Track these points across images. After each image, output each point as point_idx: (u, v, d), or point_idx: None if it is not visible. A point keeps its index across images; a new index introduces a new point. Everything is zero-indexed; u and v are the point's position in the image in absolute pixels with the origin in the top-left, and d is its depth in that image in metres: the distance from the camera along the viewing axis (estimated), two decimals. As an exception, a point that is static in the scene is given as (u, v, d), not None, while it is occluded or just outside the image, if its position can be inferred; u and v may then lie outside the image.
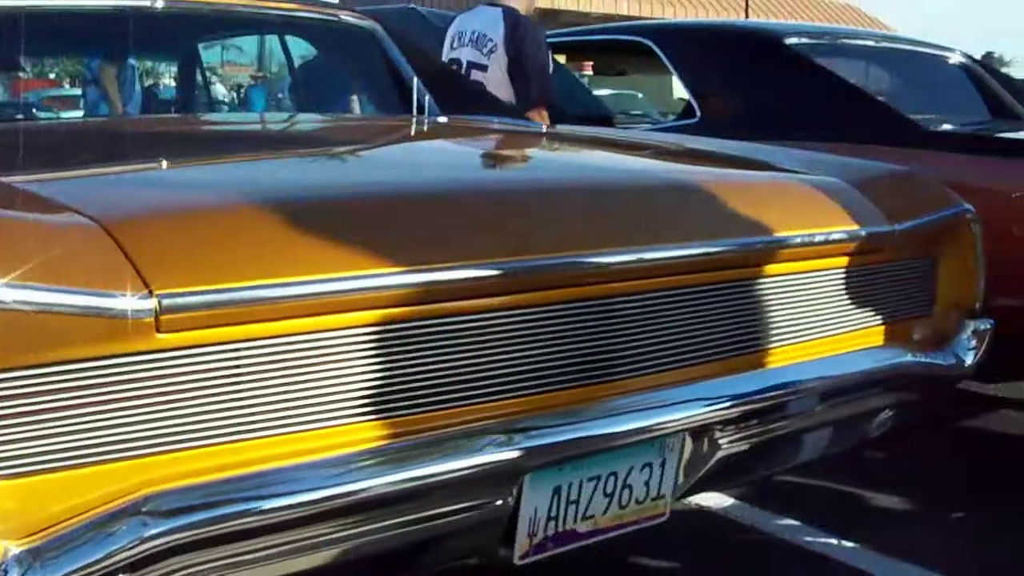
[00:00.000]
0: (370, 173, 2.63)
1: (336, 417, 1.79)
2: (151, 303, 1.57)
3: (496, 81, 5.08)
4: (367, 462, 1.78)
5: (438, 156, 3.02)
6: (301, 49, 4.67)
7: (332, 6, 4.18)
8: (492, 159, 3.06)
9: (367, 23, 3.98)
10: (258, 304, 1.67)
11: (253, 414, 1.71)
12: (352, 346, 1.79)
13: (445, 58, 5.19)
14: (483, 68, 5.12)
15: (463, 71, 5.12)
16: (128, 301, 1.55)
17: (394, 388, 1.83)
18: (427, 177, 2.44)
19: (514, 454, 1.89)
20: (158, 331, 1.59)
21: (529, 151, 3.19)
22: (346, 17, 3.99)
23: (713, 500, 3.52)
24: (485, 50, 5.13)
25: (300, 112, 4.31)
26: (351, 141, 3.24)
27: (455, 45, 5.20)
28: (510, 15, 5.17)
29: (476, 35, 5.15)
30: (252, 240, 1.76)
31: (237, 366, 1.69)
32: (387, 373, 1.82)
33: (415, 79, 3.70)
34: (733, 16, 32.60)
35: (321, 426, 1.78)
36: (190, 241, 1.70)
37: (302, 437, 1.76)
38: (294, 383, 1.74)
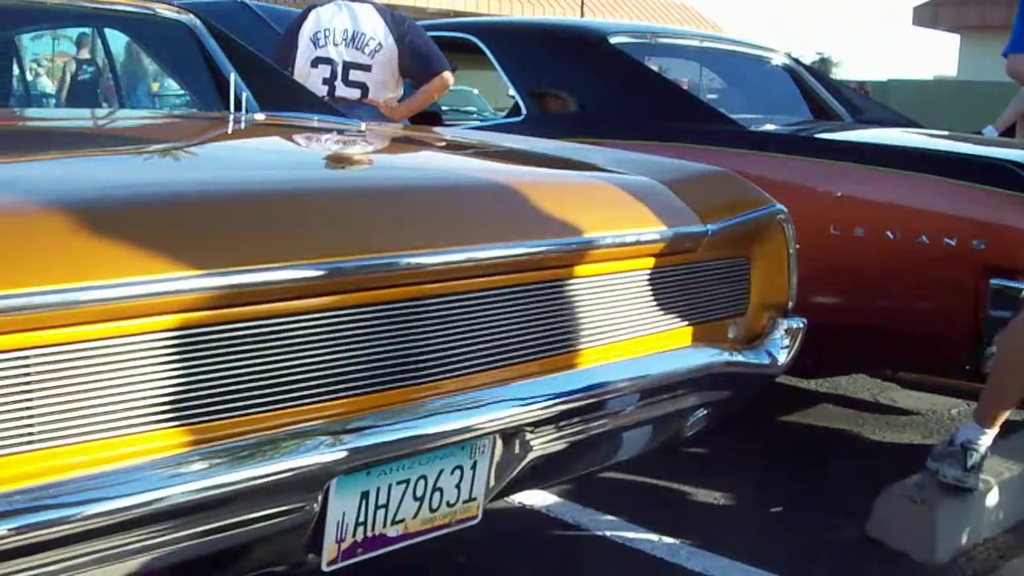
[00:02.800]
0: (179, 171, 2.56)
1: (136, 425, 1.73)
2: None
3: (380, 80, 5.10)
4: (167, 470, 1.73)
5: (251, 154, 2.96)
6: (119, 42, 4.56)
7: (149, -1, 4.08)
8: (307, 158, 3.02)
9: (185, 17, 3.90)
10: (53, 309, 1.61)
11: (48, 422, 1.64)
12: (155, 351, 1.74)
13: (306, 57, 5.10)
14: (366, 68, 5.11)
15: (338, 71, 5.07)
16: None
17: (194, 394, 1.78)
18: (238, 176, 2.38)
19: (320, 458, 1.86)
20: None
21: (345, 150, 3.14)
22: (162, 11, 3.89)
23: (535, 498, 3.53)
24: (367, 50, 5.10)
25: (116, 106, 4.20)
26: (163, 138, 3.16)
27: (321, 43, 5.11)
28: (383, 10, 5.17)
29: (351, 35, 5.10)
30: (47, 242, 1.69)
31: (30, 373, 1.62)
32: (188, 379, 1.77)
33: (233, 74, 3.63)
34: (570, 15, 32.91)
35: (121, 434, 1.72)
36: (-26, 243, 1.63)
37: (104, 445, 1.70)
38: (95, 389, 1.69)
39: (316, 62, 5.08)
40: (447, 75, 5.17)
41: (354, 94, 5.07)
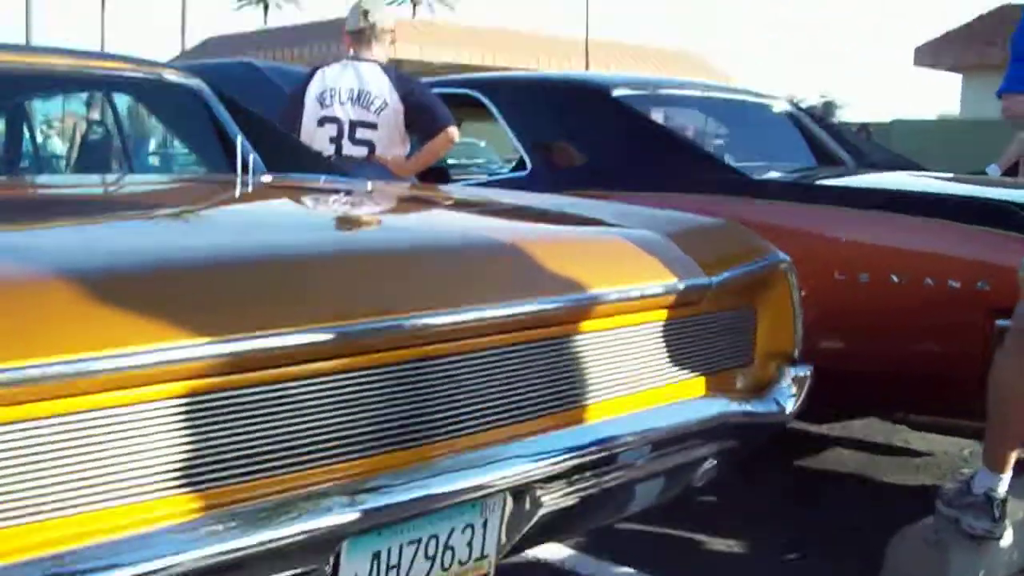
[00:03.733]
0: (187, 236, 2.59)
1: (149, 491, 1.74)
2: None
3: (387, 138, 5.16)
4: (178, 536, 1.73)
5: (259, 217, 2.99)
6: (127, 108, 4.61)
7: (156, 64, 4.14)
8: (314, 219, 3.04)
9: (192, 81, 3.95)
10: (68, 379, 1.62)
11: (63, 490, 1.65)
12: (166, 418, 1.75)
13: (312, 116, 5.17)
14: (372, 127, 5.17)
15: (345, 130, 5.13)
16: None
17: (206, 459, 1.79)
18: (246, 240, 2.40)
19: (331, 521, 1.86)
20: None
21: (351, 211, 3.18)
22: (169, 76, 3.95)
23: (549, 551, 3.53)
24: (373, 108, 5.16)
25: (124, 172, 4.24)
26: (171, 203, 3.19)
27: (327, 103, 5.17)
28: (388, 69, 5.25)
29: (356, 93, 5.17)
30: (58, 311, 1.71)
31: (47, 443, 1.63)
32: (199, 444, 1.79)
33: (240, 137, 3.67)
34: (574, 68, 33.11)
35: (135, 501, 1.73)
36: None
37: (112, 513, 1.70)
38: (109, 457, 1.69)
39: (323, 121, 5.13)
40: (452, 130, 5.22)
41: (361, 152, 5.12)
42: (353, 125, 5.14)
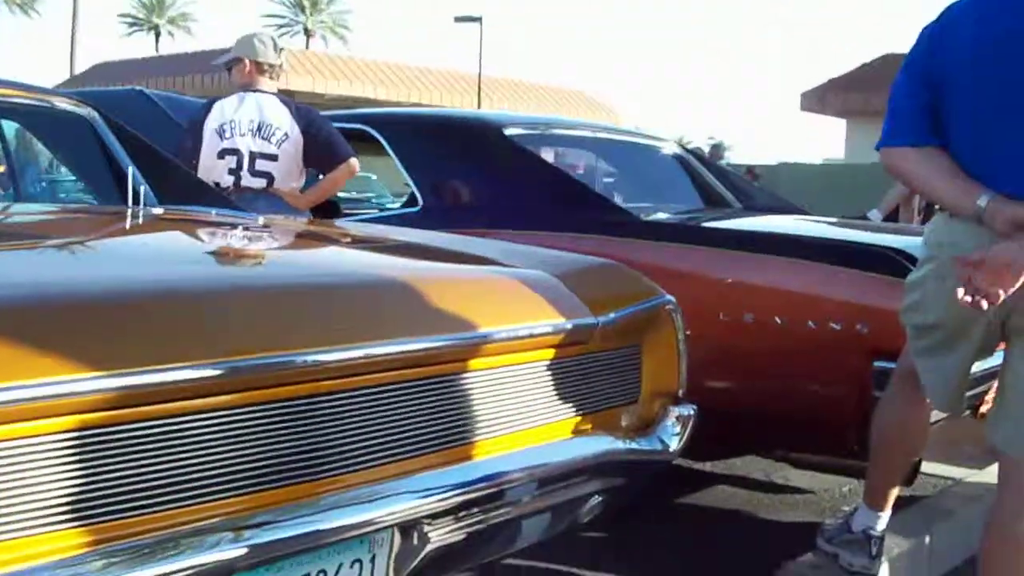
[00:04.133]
0: (75, 268, 2.56)
1: (35, 526, 1.73)
2: None
3: (285, 169, 5.22)
4: (67, 570, 1.72)
5: (149, 250, 2.97)
6: (15, 134, 4.55)
7: (46, 91, 4.09)
8: (205, 254, 3.04)
9: (83, 110, 3.92)
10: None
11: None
12: (50, 453, 1.74)
13: (212, 148, 5.17)
14: (272, 158, 5.22)
15: (244, 161, 5.16)
16: None
17: (93, 494, 1.78)
18: (135, 273, 2.39)
19: (219, 556, 1.86)
20: None
21: (244, 245, 3.17)
22: (60, 104, 3.91)
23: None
24: (274, 139, 5.21)
25: (13, 199, 4.18)
26: (60, 234, 3.15)
27: (227, 135, 5.17)
28: (287, 101, 5.29)
29: (257, 125, 5.19)
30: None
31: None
32: (86, 479, 1.78)
33: (131, 168, 3.66)
34: (468, 105, 33.23)
35: (20, 535, 1.72)
36: None
37: (6, 546, 1.69)
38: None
39: (223, 153, 5.15)
40: (353, 162, 5.31)
41: (260, 183, 5.14)
42: (253, 156, 5.16)
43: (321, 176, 5.51)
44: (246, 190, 5.07)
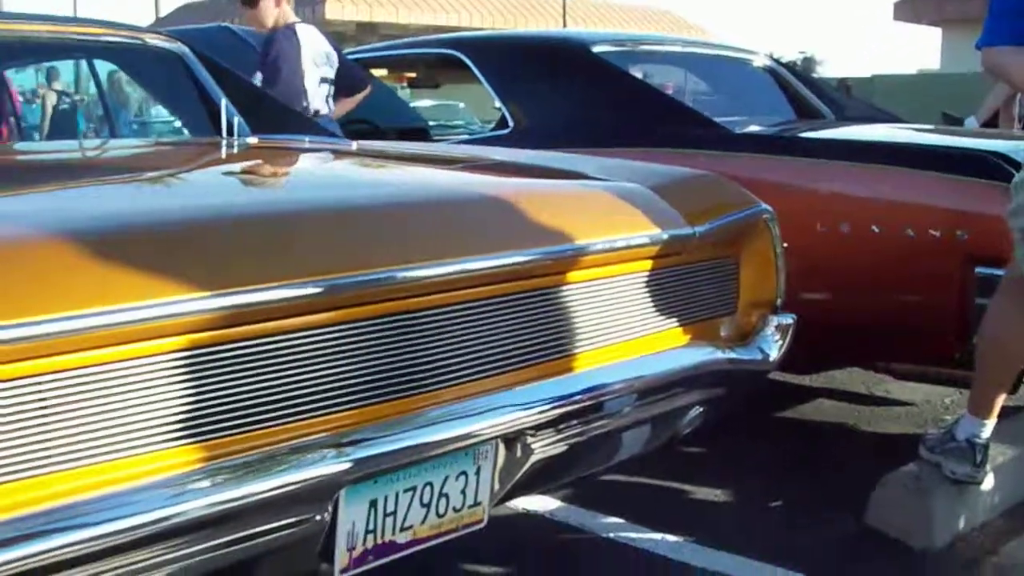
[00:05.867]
0: (179, 198, 2.62)
1: (151, 443, 1.78)
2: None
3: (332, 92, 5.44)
4: (185, 486, 1.77)
5: (246, 178, 3.02)
6: (110, 73, 4.62)
7: (138, 29, 4.14)
8: (301, 179, 3.07)
9: (174, 46, 3.95)
10: (64, 336, 1.65)
11: (65, 444, 1.69)
12: (164, 372, 1.79)
13: (313, 79, 5.33)
14: (332, 83, 5.47)
15: (330, 88, 5.45)
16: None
17: (203, 412, 1.83)
18: (236, 200, 2.44)
19: (328, 469, 1.91)
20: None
21: (338, 169, 3.20)
22: (152, 40, 3.95)
23: (538, 503, 3.58)
24: (333, 65, 5.49)
25: (109, 136, 4.25)
26: (160, 167, 3.21)
27: (319, 64, 5.36)
28: (322, 32, 5.42)
29: (324, 55, 5.45)
30: (55, 271, 1.74)
31: (45, 399, 1.67)
32: (199, 397, 1.83)
33: (224, 100, 3.69)
34: (552, 26, 33.01)
35: (137, 453, 1.77)
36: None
37: (119, 465, 1.75)
38: (108, 411, 1.73)
39: (321, 81, 5.28)
40: (369, 89, 5.69)
41: (330, 108, 5.33)
42: (329, 83, 5.31)
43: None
44: (323, 117, 5.21)
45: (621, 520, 3.52)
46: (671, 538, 3.38)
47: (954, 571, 3.27)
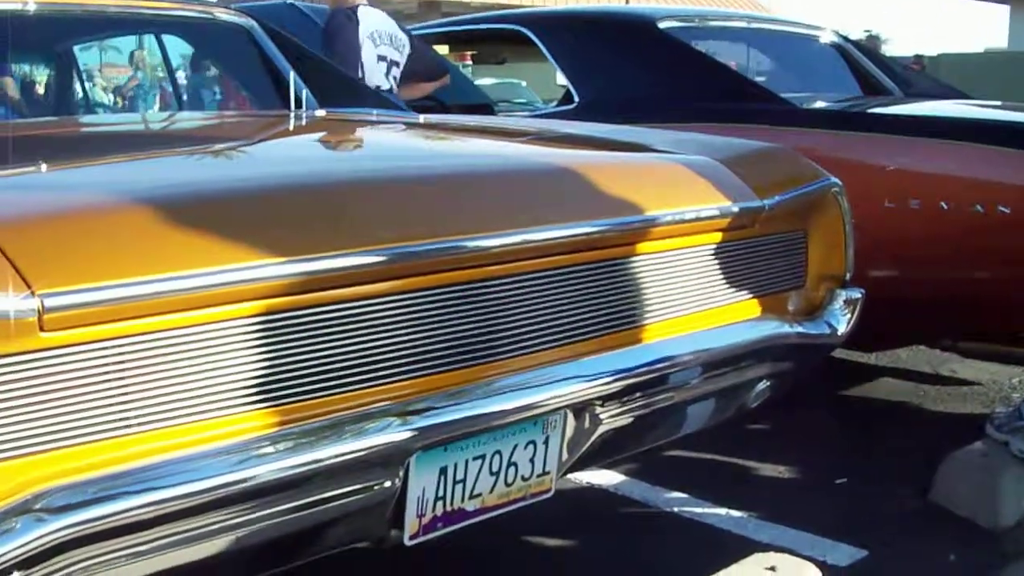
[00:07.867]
0: (250, 168, 2.64)
1: (223, 408, 1.81)
2: (34, 303, 1.57)
3: (403, 75, 5.46)
4: (256, 450, 1.80)
5: (317, 149, 3.05)
6: (179, 48, 4.66)
7: (207, 4, 4.17)
8: (370, 150, 3.09)
9: (243, 20, 3.99)
10: (141, 300, 1.68)
11: (141, 407, 1.72)
12: (236, 337, 1.81)
13: (371, 56, 5.35)
14: (398, 66, 5.48)
15: (390, 68, 5.42)
16: (10, 302, 1.56)
17: (278, 376, 1.86)
18: (306, 170, 2.45)
19: (399, 436, 1.93)
20: (42, 330, 1.60)
21: (406, 141, 3.22)
22: (221, 15, 3.99)
23: (603, 477, 3.60)
24: (401, 48, 5.48)
25: (179, 110, 4.30)
26: (230, 137, 3.25)
27: (377, 43, 5.37)
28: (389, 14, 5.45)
29: (387, 35, 5.44)
30: (133, 237, 1.77)
31: (122, 362, 1.70)
32: (270, 362, 1.85)
33: (292, 74, 3.72)
34: (617, 1, 32.80)
35: (209, 417, 1.80)
36: (71, 241, 1.71)
37: (191, 428, 1.77)
38: (181, 376, 1.76)
39: (379, 59, 5.30)
40: (449, 76, 5.66)
41: (393, 87, 5.35)
42: (391, 64, 5.38)
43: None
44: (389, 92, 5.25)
45: (684, 495, 3.53)
46: (735, 513, 3.39)
47: (1021, 549, 3.24)
